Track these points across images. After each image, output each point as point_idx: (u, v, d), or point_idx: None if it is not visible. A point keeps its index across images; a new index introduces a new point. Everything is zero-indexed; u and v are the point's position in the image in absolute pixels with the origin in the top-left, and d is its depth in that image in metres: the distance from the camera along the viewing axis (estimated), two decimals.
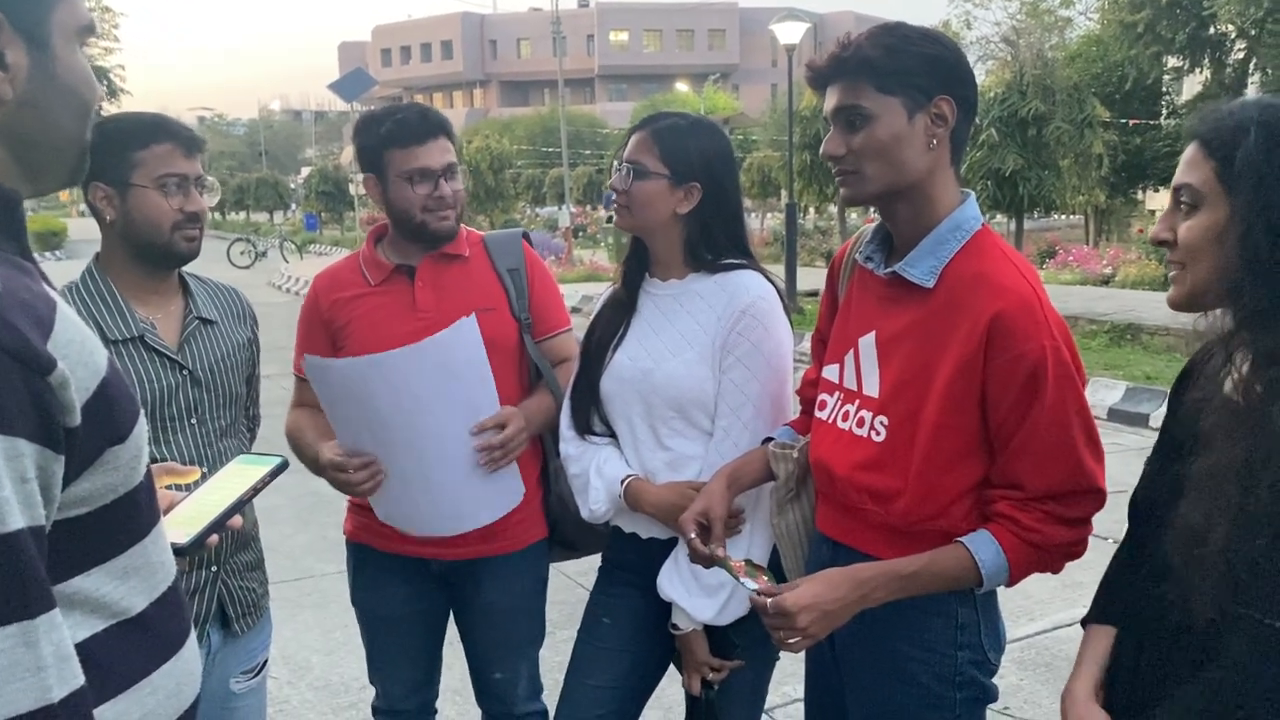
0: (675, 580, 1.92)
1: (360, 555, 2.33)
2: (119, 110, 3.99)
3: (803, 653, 1.69)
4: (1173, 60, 19.38)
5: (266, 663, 2.15)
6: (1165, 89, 21.17)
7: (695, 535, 1.74)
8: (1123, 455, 1.38)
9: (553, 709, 2.14)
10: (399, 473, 2.03)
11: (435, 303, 2.17)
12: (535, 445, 2.25)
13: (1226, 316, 1.28)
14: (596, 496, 2.01)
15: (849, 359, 1.69)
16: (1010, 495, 1.53)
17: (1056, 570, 1.58)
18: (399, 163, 2.12)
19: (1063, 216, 25.74)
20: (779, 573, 1.81)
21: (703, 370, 1.91)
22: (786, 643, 1.53)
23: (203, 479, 1.40)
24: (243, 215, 50.57)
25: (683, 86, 47.37)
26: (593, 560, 2.23)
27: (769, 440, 1.87)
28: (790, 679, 2.76)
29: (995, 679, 1.69)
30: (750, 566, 1.62)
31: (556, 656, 2.29)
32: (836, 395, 1.71)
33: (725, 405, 1.91)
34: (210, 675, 1.98)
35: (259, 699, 2.13)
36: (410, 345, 1.91)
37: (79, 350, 0.89)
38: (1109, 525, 1.52)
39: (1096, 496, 1.52)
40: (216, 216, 49.62)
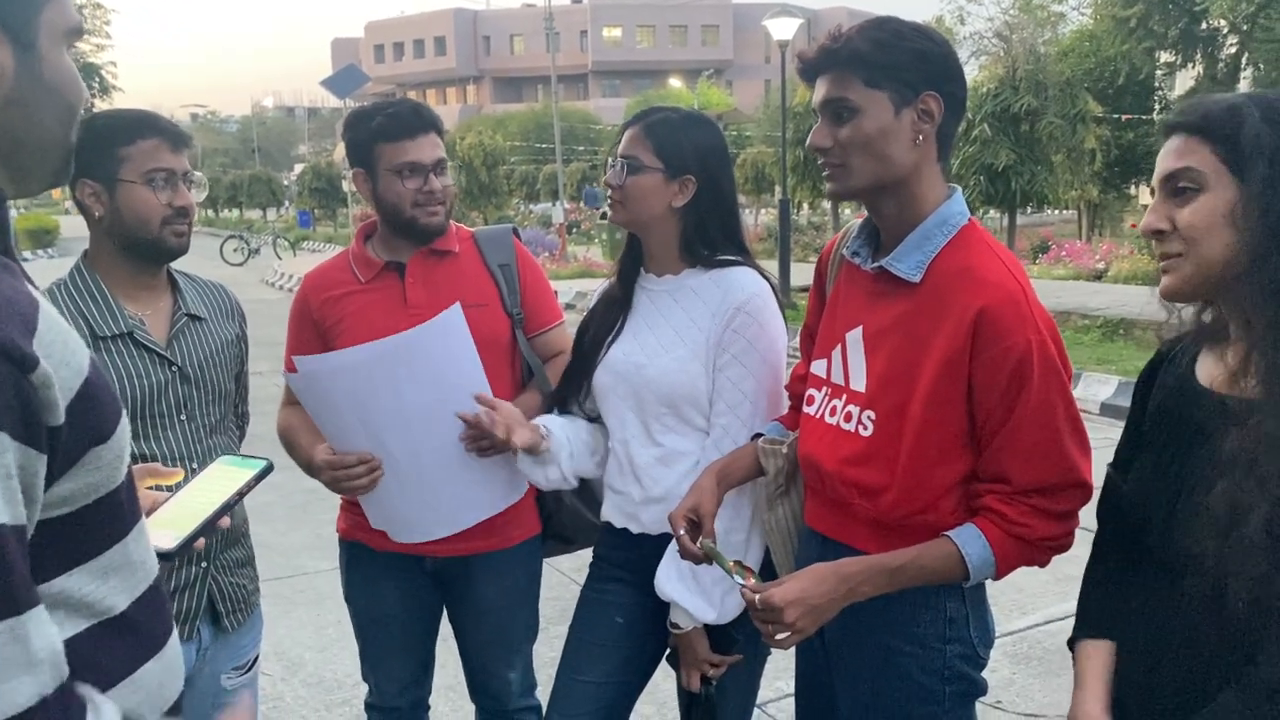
0: (675, 580, 1.91)
1: (353, 552, 2.33)
2: (111, 107, 3.98)
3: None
4: (1165, 55, 19.41)
5: (258, 659, 2.15)
6: (1158, 84, 21.19)
7: (685, 531, 1.74)
8: (1114, 450, 1.38)
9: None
10: (394, 469, 2.02)
11: (426, 299, 2.16)
12: None
13: (1197, 309, 1.28)
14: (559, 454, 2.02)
15: (836, 354, 1.69)
16: (996, 489, 1.53)
17: (1043, 564, 1.58)
18: (389, 157, 2.11)
19: (1055, 212, 25.83)
20: (770, 575, 1.81)
21: (696, 367, 1.91)
22: (775, 638, 1.54)
23: (186, 480, 1.40)
24: (236, 212, 50.41)
25: (676, 82, 47.28)
26: (586, 556, 2.23)
27: (758, 436, 1.87)
28: (783, 674, 2.77)
29: (987, 672, 1.69)
30: (739, 567, 1.63)
31: (550, 652, 2.29)
32: (824, 390, 1.72)
33: (723, 403, 1.91)
34: (201, 671, 1.99)
35: (250, 695, 2.13)
36: (395, 335, 1.90)
37: (62, 350, 0.88)
38: None
39: (1082, 490, 1.53)
40: (209, 214, 49.48)
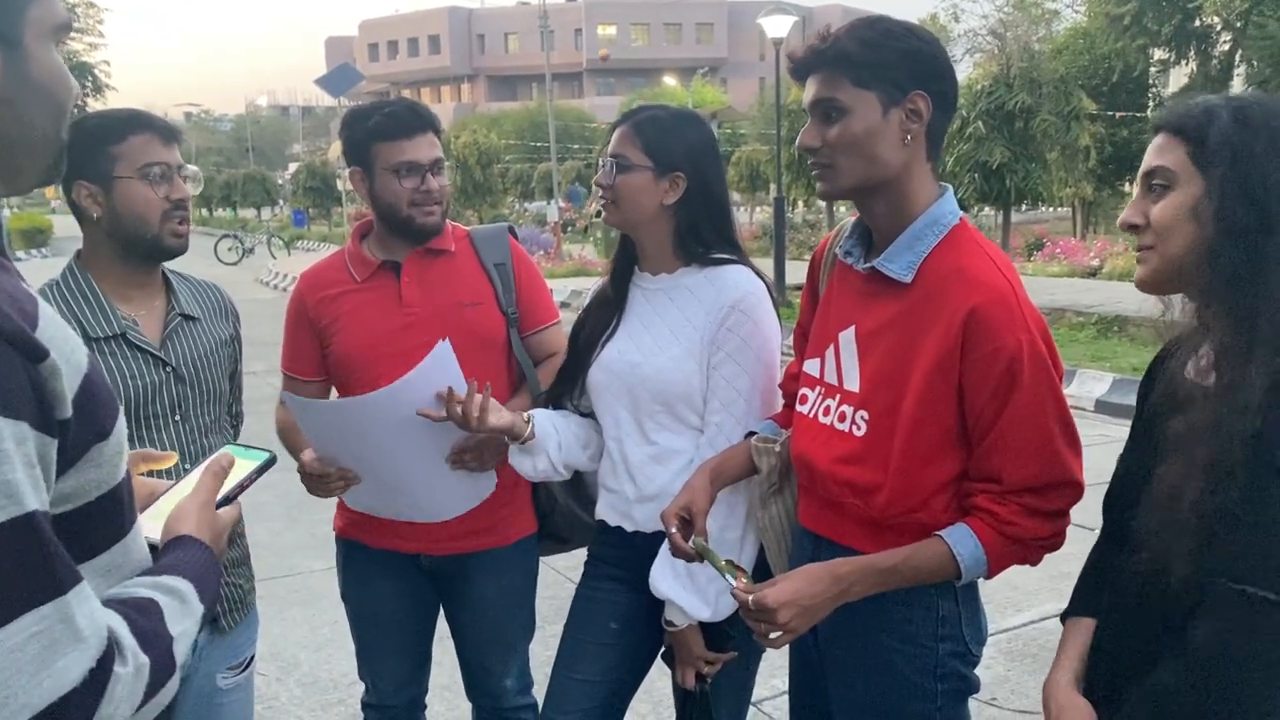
0: (670, 578, 1.91)
1: (349, 551, 2.33)
2: (105, 107, 3.97)
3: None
4: (1159, 53, 19.46)
5: (253, 658, 2.14)
6: (1152, 81, 21.24)
7: (677, 529, 1.74)
8: (1110, 447, 1.39)
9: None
10: (375, 482, 2.06)
11: (422, 298, 2.17)
12: None
13: (1190, 305, 1.33)
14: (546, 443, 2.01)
15: (829, 354, 1.70)
16: (988, 489, 1.54)
17: (1035, 562, 1.59)
18: (386, 156, 2.11)
19: (1050, 209, 25.87)
20: (765, 574, 1.82)
21: (690, 365, 1.91)
22: (768, 638, 1.55)
23: (181, 470, 1.39)
24: (230, 211, 50.29)
25: (671, 80, 47.24)
26: (581, 554, 2.23)
27: (752, 434, 1.88)
28: (779, 672, 2.78)
29: (981, 669, 1.70)
30: (731, 566, 1.64)
31: (546, 651, 2.30)
32: (818, 390, 1.72)
33: (717, 401, 1.91)
34: (196, 671, 1.98)
35: (246, 695, 2.13)
36: (391, 384, 1.90)
37: (62, 346, 0.89)
38: (1093, 517, 1.53)
39: (1074, 489, 1.54)
40: (203, 213, 49.37)
